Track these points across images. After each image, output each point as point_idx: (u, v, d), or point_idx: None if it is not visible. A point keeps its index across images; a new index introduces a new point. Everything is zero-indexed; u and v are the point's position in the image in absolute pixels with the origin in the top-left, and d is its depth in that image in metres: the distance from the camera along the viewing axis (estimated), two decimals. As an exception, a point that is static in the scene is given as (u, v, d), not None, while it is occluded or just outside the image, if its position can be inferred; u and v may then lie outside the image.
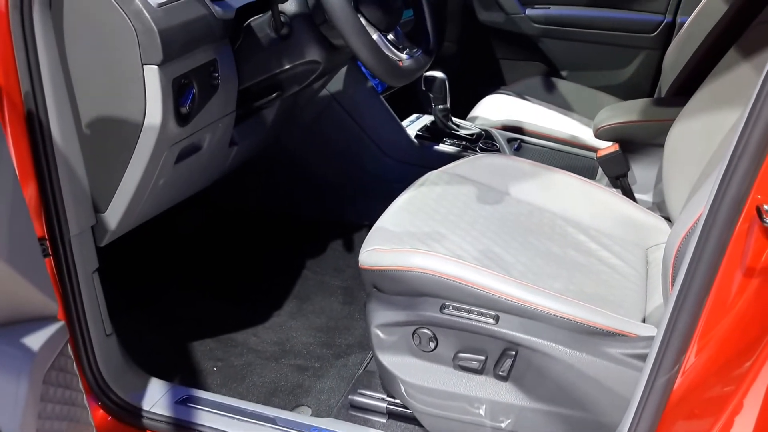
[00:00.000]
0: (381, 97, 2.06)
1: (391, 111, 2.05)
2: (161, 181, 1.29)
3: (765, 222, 0.74)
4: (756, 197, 0.78)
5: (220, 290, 1.86)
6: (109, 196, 1.24)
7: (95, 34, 1.11)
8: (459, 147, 2.03)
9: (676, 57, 1.83)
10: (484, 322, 1.14)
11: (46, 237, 1.16)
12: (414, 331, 1.18)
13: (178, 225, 1.99)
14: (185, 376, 1.54)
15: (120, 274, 1.73)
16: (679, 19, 2.41)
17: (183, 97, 1.21)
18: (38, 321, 0.90)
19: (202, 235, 2.08)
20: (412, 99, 2.49)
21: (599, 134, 1.77)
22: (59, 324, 0.93)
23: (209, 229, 2.11)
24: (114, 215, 1.25)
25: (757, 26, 1.32)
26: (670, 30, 2.44)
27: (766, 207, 0.74)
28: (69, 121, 1.15)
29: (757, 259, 0.80)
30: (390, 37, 1.39)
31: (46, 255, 1.16)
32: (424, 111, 2.26)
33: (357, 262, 1.29)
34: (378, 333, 1.22)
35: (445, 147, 2.04)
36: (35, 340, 0.87)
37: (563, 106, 2.29)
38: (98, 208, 1.25)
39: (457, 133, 2.05)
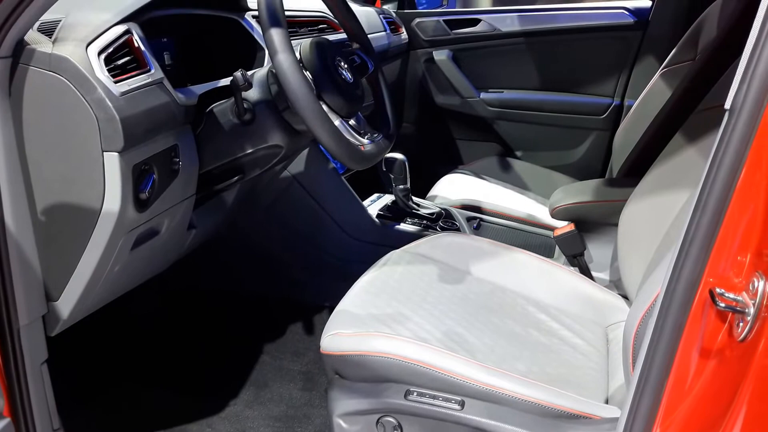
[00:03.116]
0: (342, 177, 2.09)
1: (353, 191, 2.08)
2: (117, 268, 1.26)
3: (718, 305, 0.76)
4: (708, 280, 0.80)
5: (172, 378, 1.79)
6: (63, 284, 1.20)
7: (55, 122, 1.11)
8: (420, 226, 2.06)
9: (625, 138, 1.92)
10: (449, 408, 1.12)
11: (-6, 327, 1.11)
12: (378, 420, 1.15)
13: (131, 309, 1.93)
14: (136, 473, 1.46)
15: (68, 362, 1.66)
16: (626, 102, 2.54)
17: (143, 183, 1.20)
18: (-19, 420, 0.85)
19: (155, 318, 2.02)
20: (372, 179, 2.53)
21: (555, 214, 1.81)
22: (5, 421, 0.89)
23: (162, 312, 2.05)
24: (67, 304, 1.21)
25: (699, 113, 1.40)
26: (619, 112, 2.56)
27: (718, 290, 0.76)
28: (23, 208, 1.12)
29: (713, 341, 0.81)
30: (351, 122, 1.42)
31: (-8, 347, 1.11)
32: (384, 191, 2.29)
33: (317, 345, 1.27)
34: (340, 423, 1.18)
35: (406, 226, 2.06)
36: (-24, 442, 0.82)
37: (519, 185, 2.36)
38: (50, 297, 1.21)
39: (418, 212, 2.08)
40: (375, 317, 1.27)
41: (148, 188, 1.21)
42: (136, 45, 1.21)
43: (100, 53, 1.13)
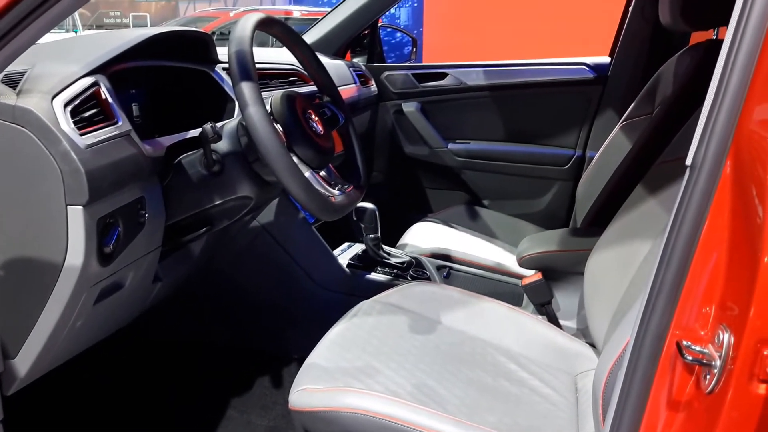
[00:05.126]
0: (312, 227, 2.08)
1: (323, 241, 2.07)
2: (79, 323, 1.22)
3: (685, 358, 0.77)
4: (675, 333, 0.81)
5: (136, 433, 1.73)
6: (21, 341, 1.15)
7: (18, 174, 1.09)
8: (391, 275, 2.05)
9: (587, 188, 1.96)
10: (420, 465, 1.10)
11: (-55, 388, 1.06)
12: (348, 478, 1.12)
13: (93, 362, 1.87)
14: None
15: (26, 421, 1.59)
16: (588, 154, 2.60)
17: (107, 237, 1.18)
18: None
19: (118, 370, 1.95)
20: (343, 228, 2.52)
21: (522, 263, 1.83)
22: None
23: (126, 363, 1.98)
24: (25, 362, 1.17)
25: (659, 165, 1.44)
26: (581, 163, 2.62)
27: (685, 343, 0.77)
28: (-19, 262, 1.09)
29: (681, 394, 0.82)
30: (322, 173, 1.42)
31: (-57, 408, 1.06)
32: (355, 240, 2.29)
33: (285, 398, 1.24)
34: (310, 481, 1.15)
35: (377, 276, 2.05)
36: None
37: (487, 233, 2.38)
38: (7, 354, 1.16)
39: (389, 261, 2.08)
40: (345, 371, 1.25)
41: (113, 242, 1.19)
42: (103, 97, 1.21)
43: (66, 105, 1.12)
